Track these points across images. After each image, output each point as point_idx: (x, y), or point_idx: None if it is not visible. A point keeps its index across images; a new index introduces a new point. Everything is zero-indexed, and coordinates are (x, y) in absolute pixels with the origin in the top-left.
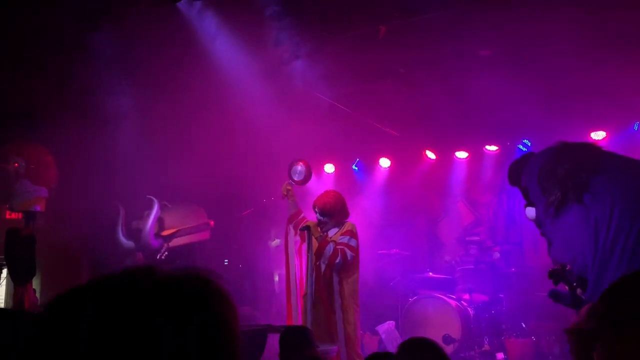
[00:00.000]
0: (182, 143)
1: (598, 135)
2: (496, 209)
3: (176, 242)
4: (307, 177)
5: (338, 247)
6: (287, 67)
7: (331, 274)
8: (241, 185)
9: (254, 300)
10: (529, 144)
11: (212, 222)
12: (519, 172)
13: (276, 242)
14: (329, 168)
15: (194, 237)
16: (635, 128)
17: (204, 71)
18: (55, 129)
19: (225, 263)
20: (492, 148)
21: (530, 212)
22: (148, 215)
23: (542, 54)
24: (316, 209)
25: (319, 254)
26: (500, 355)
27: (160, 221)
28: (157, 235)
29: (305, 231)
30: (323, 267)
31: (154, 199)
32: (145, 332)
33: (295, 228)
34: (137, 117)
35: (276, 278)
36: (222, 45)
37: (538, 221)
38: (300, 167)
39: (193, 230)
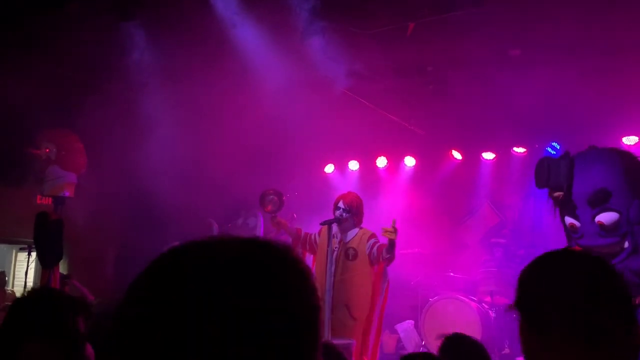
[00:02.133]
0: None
1: (630, 141)
2: (522, 212)
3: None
4: (280, 206)
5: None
6: (314, 61)
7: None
8: (267, 179)
9: None
10: (558, 147)
11: (295, 215)
12: (569, 174)
13: None
14: (354, 165)
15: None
16: None
17: (231, 64)
18: (86, 116)
19: None
20: (520, 150)
21: (612, 217)
22: (253, 224)
23: (573, 55)
24: (342, 204)
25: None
26: (520, 359)
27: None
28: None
29: (326, 225)
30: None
31: (258, 212)
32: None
33: (304, 246)
34: (171, 108)
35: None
36: (249, 37)
37: (619, 227)
38: (271, 196)
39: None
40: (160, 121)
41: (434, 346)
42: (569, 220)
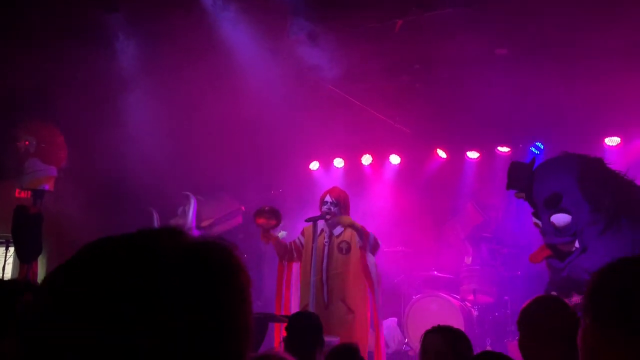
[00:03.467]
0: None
1: (612, 141)
2: (505, 212)
3: (215, 230)
4: (273, 225)
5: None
6: (301, 58)
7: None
8: (251, 176)
9: (259, 289)
10: (542, 147)
11: (243, 207)
12: (528, 178)
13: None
14: (339, 162)
15: (230, 223)
16: None
17: (215, 58)
18: (66, 110)
19: None
20: (504, 149)
21: (564, 218)
22: (187, 211)
23: (559, 55)
24: (329, 198)
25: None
26: None
27: (197, 214)
28: (198, 227)
29: (312, 222)
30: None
31: (190, 194)
32: (164, 296)
33: (291, 257)
34: (153, 104)
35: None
36: (234, 32)
37: (568, 228)
38: (268, 207)
39: (228, 217)
40: (142, 117)
41: (416, 344)
42: (534, 219)
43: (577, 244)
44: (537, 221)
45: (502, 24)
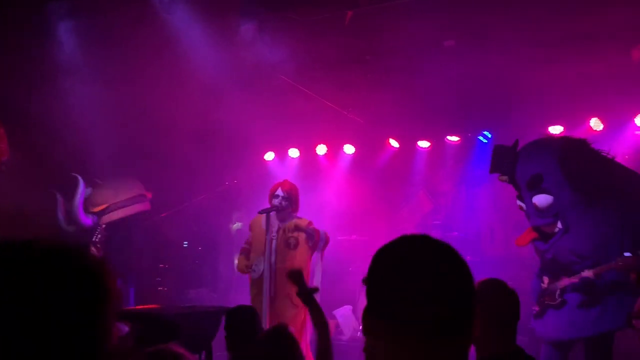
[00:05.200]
0: (138, 123)
1: (555, 130)
2: (455, 198)
3: (110, 217)
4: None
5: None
6: (252, 48)
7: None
8: (203, 167)
9: (213, 282)
10: (490, 136)
11: (149, 194)
12: (511, 161)
13: (237, 225)
14: (294, 153)
15: (129, 210)
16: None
17: (164, 49)
18: (8, 100)
19: (185, 245)
20: (454, 138)
21: (546, 199)
22: (73, 194)
23: (505, 46)
24: (281, 192)
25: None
26: None
27: (90, 198)
28: (87, 212)
29: (265, 215)
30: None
31: (77, 176)
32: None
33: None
34: (100, 96)
35: (236, 261)
36: (183, 21)
37: (550, 209)
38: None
39: (127, 203)
40: (86, 106)
41: None
42: (519, 202)
43: (559, 225)
44: (521, 204)
45: (449, 14)
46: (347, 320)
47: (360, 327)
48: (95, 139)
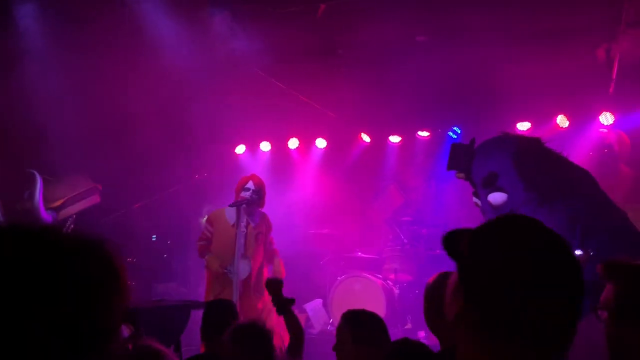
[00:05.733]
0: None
1: (523, 126)
2: (425, 193)
3: (68, 211)
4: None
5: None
6: (224, 39)
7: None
8: (172, 160)
9: (183, 276)
10: (459, 132)
11: (99, 186)
12: (468, 158)
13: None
14: (265, 146)
15: (84, 203)
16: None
17: (135, 41)
18: None
19: (154, 239)
20: (424, 134)
21: (500, 197)
22: (33, 192)
23: (473, 45)
24: (252, 186)
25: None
26: (422, 333)
27: (46, 194)
28: (47, 208)
29: (235, 208)
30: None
31: (35, 172)
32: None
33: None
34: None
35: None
36: (152, 12)
37: (505, 207)
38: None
39: (82, 196)
40: (50, 97)
41: None
42: (474, 199)
43: None
44: (477, 200)
45: (421, 11)
46: (318, 313)
47: (331, 321)
48: (57, 131)
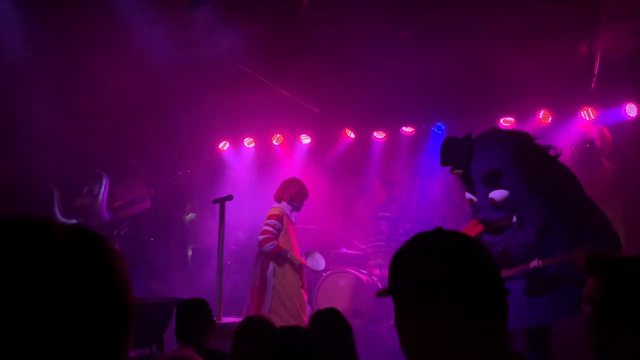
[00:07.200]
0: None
1: (507, 122)
2: (409, 189)
3: (125, 213)
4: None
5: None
6: (207, 35)
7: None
8: (156, 157)
9: (166, 274)
10: (443, 127)
11: (152, 191)
12: (467, 153)
13: (191, 216)
14: (249, 142)
15: (139, 206)
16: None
17: (117, 40)
18: None
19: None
20: (408, 130)
21: (503, 194)
22: (98, 190)
23: (456, 41)
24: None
25: None
26: None
27: (110, 194)
28: (110, 207)
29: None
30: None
31: (102, 172)
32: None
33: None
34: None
35: (189, 253)
36: (137, 13)
37: (507, 204)
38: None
39: (137, 200)
40: (37, 96)
41: None
42: (468, 195)
43: (514, 219)
44: (472, 197)
45: (404, 5)
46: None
47: None
48: (41, 136)
